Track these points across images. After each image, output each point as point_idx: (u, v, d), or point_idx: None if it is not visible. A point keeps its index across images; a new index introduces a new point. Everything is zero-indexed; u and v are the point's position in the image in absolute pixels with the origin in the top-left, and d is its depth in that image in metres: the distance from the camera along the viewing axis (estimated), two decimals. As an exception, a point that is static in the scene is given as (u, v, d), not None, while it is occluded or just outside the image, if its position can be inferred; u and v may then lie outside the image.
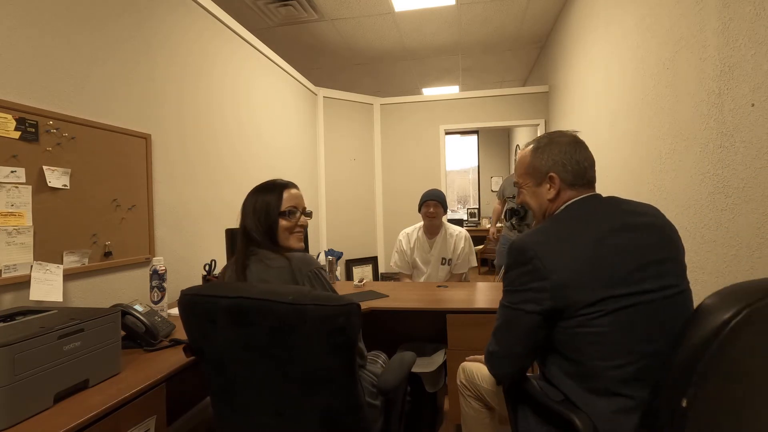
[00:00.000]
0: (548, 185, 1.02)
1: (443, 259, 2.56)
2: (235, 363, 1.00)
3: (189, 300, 1.00)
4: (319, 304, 0.89)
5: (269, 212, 1.22)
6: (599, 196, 1.01)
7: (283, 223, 1.23)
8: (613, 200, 0.99)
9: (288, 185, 1.30)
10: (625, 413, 0.81)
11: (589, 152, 1.03)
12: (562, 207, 1.01)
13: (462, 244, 2.53)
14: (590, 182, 1.02)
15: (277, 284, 1.10)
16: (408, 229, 2.68)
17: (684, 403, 0.65)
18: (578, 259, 0.85)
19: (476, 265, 2.65)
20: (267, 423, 1.01)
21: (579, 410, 0.86)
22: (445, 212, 2.56)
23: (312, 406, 0.97)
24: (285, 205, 1.24)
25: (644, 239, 0.89)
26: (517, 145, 6.69)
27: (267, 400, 1.00)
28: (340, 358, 0.93)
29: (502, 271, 3.36)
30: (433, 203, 2.48)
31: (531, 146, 1.07)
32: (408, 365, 1.22)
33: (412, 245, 2.61)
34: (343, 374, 0.95)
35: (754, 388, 0.71)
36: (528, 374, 1.03)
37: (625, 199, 1.00)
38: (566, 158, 1.00)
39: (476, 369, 1.33)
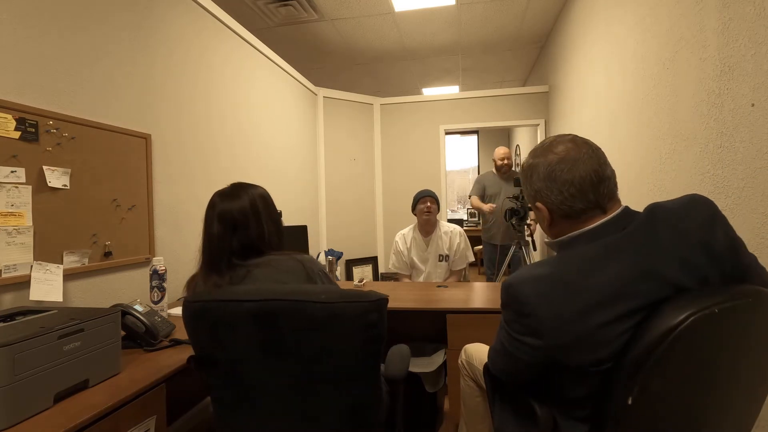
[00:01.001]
0: (540, 215, 0.88)
1: (440, 255, 2.57)
2: (253, 369, 0.95)
3: (201, 307, 0.94)
4: (352, 301, 0.90)
5: (278, 215, 1.23)
6: (620, 219, 0.81)
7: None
8: (641, 227, 0.78)
9: None
10: None
11: (584, 167, 0.81)
12: (566, 239, 0.84)
13: (457, 240, 2.56)
14: (596, 204, 0.81)
15: (303, 285, 1.08)
16: (403, 231, 2.71)
17: (629, 401, 0.68)
18: (582, 319, 0.73)
19: (474, 260, 2.68)
20: (289, 427, 0.98)
21: (544, 405, 0.85)
22: (439, 211, 2.59)
23: (338, 404, 0.96)
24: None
25: (666, 289, 0.73)
26: (517, 145, 6.69)
27: (290, 403, 0.97)
28: (370, 353, 0.94)
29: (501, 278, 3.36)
30: (429, 199, 2.53)
31: (522, 171, 0.93)
32: (407, 356, 1.25)
33: (408, 245, 2.63)
34: (369, 368, 0.96)
35: (694, 388, 0.73)
36: None
37: (665, 215, 0.79)
38: (546, 185, 0.83)
39: (475, 353, 1.37)
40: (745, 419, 0.82)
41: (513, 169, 3.76)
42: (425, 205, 2.51)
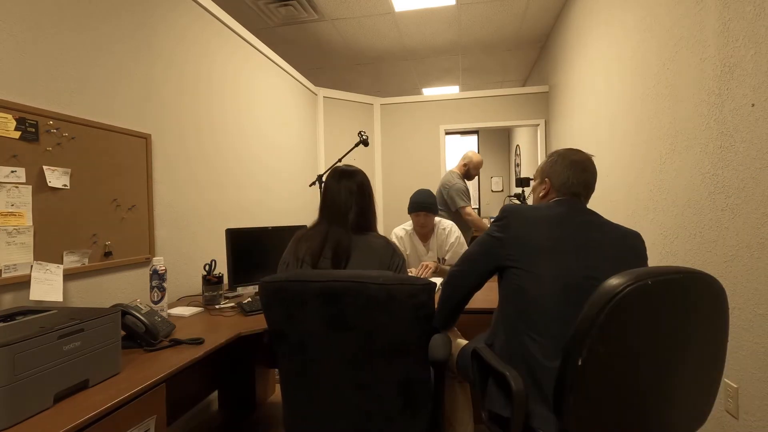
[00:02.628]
0: (542, 186, 1.25)
1: (439, 259, 2.53)
2: (318, 342, 1.07)
3: (278, 286, 1.06)
4: (406, 284, 1.03)
5: (373, 197, 1.42)
6: (576, 203, 1.16)
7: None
8: (585, 211, 1.15)
9: None
10: None
11: (587, 175, 1.19)
12: (546, 202, 1.21)
13: (451, 240, 2.41)
14: (574, 194, 1.18)
15: (365, 270, 1.24)
16: (400, 232, 2.52)
17: (579, 362, 0.79)
18: (534, 228, 1.08)
19: None
20: (347, 396, 1.09)
21: (512, 368, 0.99)
22: (437, 214, 2.43)
23: (392, 377, 1.07)
24: None
25: (595, 238, 1.07)
26: (517, 146, 6.69)
27: (349, 374, 1.08)
28: (420, 330, 1.07)
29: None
30: (423, 214, 2.31)
31: (550, 156, 1.27)
32: (449, 341, 1.34)
33: (406, 250, 2.51)
34: (419, 345, 1.08)
35: (635, 351, 0.82)
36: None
37: (601, 219, 1.13)
38: (561, 171, 1.20)
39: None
40: (702, 393, 0.91)
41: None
42: (419, 219, 2.33)
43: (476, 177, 3.43)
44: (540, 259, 1.04)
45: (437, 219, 2.47)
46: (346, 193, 1.34)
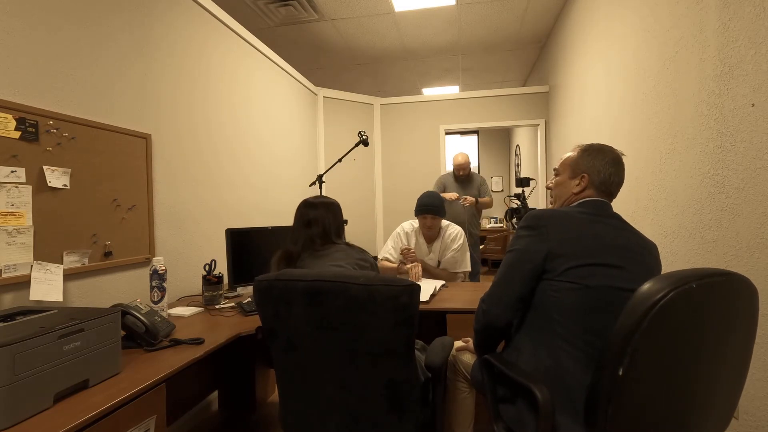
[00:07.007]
0: (578, 181, 1.19)
1: (440, 262, 2.52)
2: (305, 341, 1.08)
3: (267, 284, 1.09)
4: (387, 285, 1.02)
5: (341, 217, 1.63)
6: (608, 206, 1.16)
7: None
8: (616, 215, 1.14)
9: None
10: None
11: (623, 174, 1.18)
12: (581, 201, 1.18)
13: (455, 246, 2.41)
14: (610, 193, 1.18)
15: (348, 269, 1.30)
16: (407, 226, 2.54)
17: (620, 372, 0.75)
18: (572, 233, 1.05)
19: (470, 269, 2.54)
20: (334, 396, 1.10)
21: (540, 383, 0.94)
22: (443, 217, 2.43)
23: (377, 379, 1.07)
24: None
25: (632, 245, 1.05)
26: (517, 146, 6.69)
27: (335, 374, 1.08)
28: (403, 333, 1.05)
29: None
30: (429, 217, 2.31)
31: (581, 147, 1.23)
32: (449, 347, 1.34)
33: (411, 247, 2.53)
34: (403, 348, 1.06)
35: (678, 358, 0.79)
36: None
37: (628, 224, 1.14)
38: (602, 167, 1.17)
39: (463, 350, 1.48)
40: (731, 396, 0.88)
41: (471, 173, 3.76)
42: (425, 221, 2.34)
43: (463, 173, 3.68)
44: (584, 269, 0.99)
45: (445, 223, 2.47)
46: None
